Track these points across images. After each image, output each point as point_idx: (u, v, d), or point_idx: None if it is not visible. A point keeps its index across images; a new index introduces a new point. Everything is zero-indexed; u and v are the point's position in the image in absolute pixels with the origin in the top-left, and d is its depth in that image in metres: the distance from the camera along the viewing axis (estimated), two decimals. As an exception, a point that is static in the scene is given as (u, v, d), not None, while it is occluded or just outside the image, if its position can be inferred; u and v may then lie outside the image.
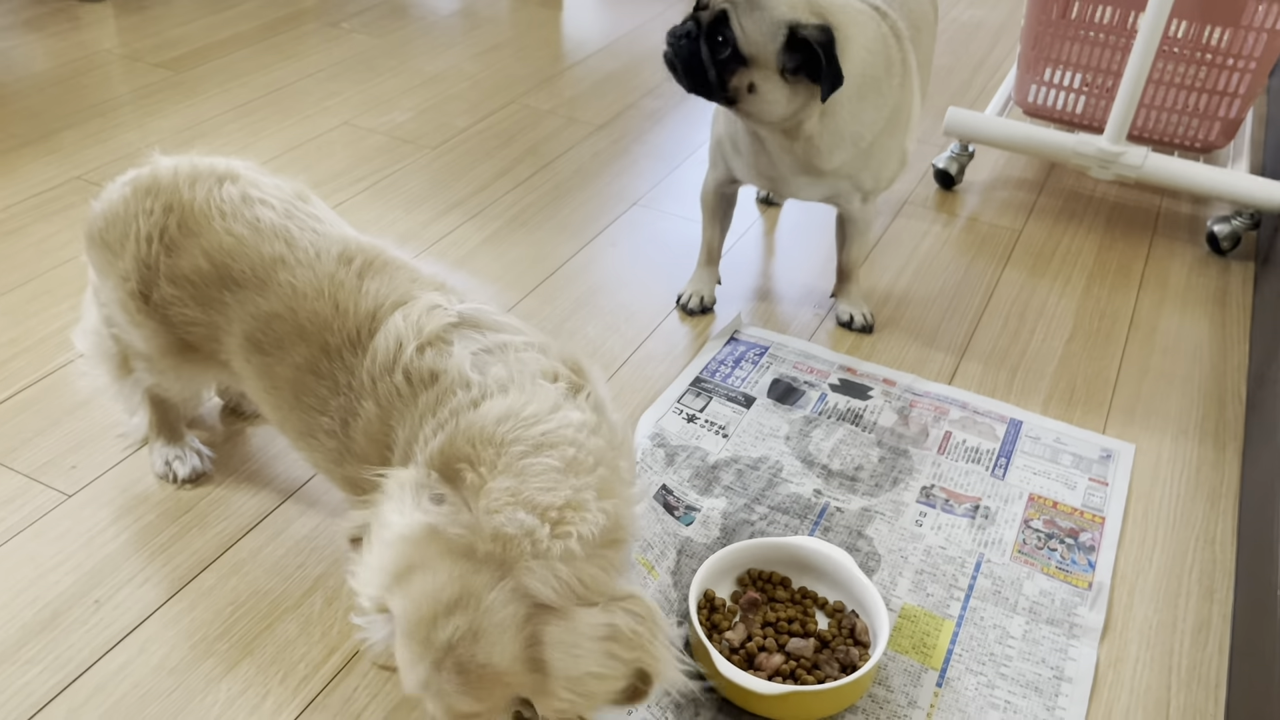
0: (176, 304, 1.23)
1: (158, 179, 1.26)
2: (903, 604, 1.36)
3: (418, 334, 1.08)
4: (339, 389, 1.11)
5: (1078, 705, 1.25)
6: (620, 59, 2.93)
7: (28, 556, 1.33)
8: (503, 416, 1.00)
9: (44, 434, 1.52)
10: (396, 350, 1.09)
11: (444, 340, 1.08)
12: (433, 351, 1.08)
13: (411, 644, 0.93)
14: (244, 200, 1.23)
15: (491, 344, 1.09)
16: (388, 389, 1.07)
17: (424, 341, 1.08)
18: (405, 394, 1.07)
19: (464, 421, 1.01)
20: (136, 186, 1.26)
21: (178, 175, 1.25)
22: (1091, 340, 1.90)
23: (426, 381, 1.06)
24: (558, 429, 1.00)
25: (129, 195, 1.26)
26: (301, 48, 2.83)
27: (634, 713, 1.17)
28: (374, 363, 1.09)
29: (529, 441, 0.98)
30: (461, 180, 2.27)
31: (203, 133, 2.36)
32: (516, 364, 1.07)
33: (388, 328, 1.10)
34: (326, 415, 1.13)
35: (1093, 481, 1.58)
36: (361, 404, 1.09)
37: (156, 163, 1.29)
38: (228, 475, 1.48)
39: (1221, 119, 2.22)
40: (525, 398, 1.02)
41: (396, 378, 1.07)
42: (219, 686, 1.20)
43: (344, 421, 1.11)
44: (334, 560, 1.37)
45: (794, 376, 1.76)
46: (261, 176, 1.28)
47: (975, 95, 2.83)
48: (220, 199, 1.23)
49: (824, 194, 1.74)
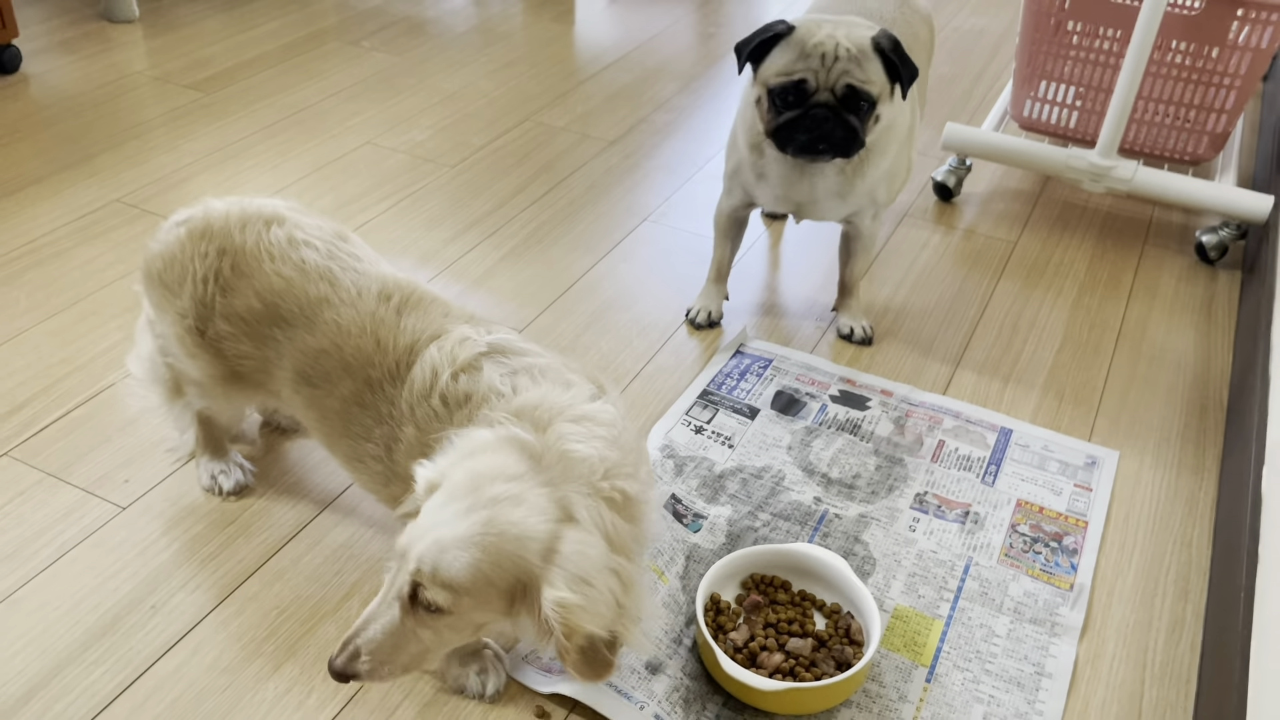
0: (230, 339, 1.35)
1: (210, 223, 1.37)
2: (895, 605, 1.46)
3: (452, 363, 1.20)
4: (382, 419, 1.23)
5: (1056, 700, 1.35)
6: (632, 73, 3.03)
7: (88, 565, 1.45)
8: (537, 403, 1.13)
9: (97, 450, 1.64)
10: (432, 379, 1.20)
11: (475, 367, 1.20)
12: (465, 377, 1.19)
13: (457, 494, 1.04)
14: (290, 243, 1.34)
15: (518, 366, 1.20)
16: (425, 413, 1.19)
17: (458, 369, 1.20)
18: (442, 415, 1.19)
19: (502, 416, 1.13)
20: (191, 230, 1.37)
21: (229, 219, 1.37)
22: (1081, 350, 1.99)
23: (460, 402, 1.18)
24: (598, 412, 1.14)
25: (184, 238, 1.37)
26: (324, 67, 2.94)
27: (645, 706, 1.28)
28: (411, 391, 1.20)
29: (569, 416, 1.12)
30: (479, 198, 2.38)
31: (233, 154, 2.47)
32: (542, 378, 1.19)
33: (424, 359, 1.21)
34: (371, 442, 1.24)
35: (1077, 487, 1.68)
36: (402, 430, 1.21)
37: (208, 206, 1.40)
38: (268, 488, 1.60)
39: (1210, 133, 2.31)
40: (558, 392, 1.15)
41: (434, 402, 1.19)
42: (267, 685, 1.31)
43: (388, 447, 1.23)
44: (369, 568, 1.48)
45: (796, 388, 1.86)
46: (304, 218, 1.39)
47: (975, 107, 2.91)
48: (269, 242, 1.34)
49: (847, 212, 1.85)
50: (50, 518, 1.52)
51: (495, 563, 1.02)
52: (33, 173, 2.35)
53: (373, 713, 1.29)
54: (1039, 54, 2.37)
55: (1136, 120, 2.35)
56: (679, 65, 3.11)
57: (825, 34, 1.66)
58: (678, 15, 3.45)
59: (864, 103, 1.66)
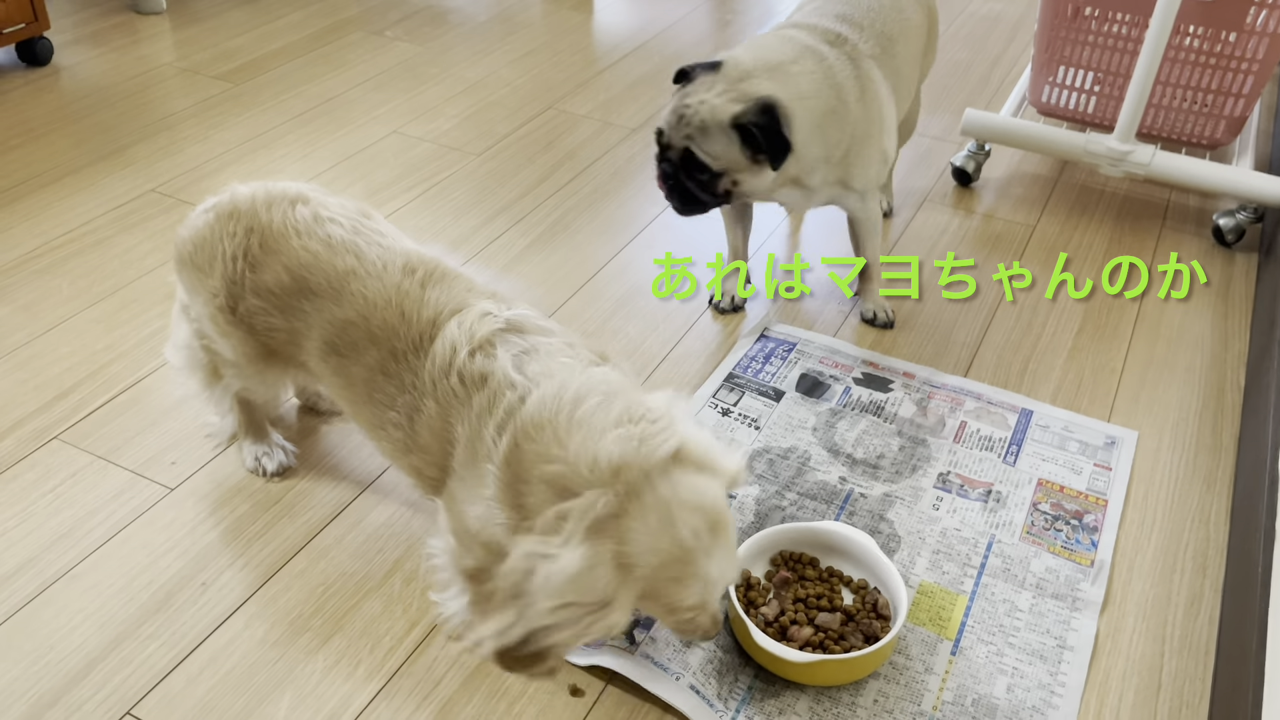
0: (261, 314, 1.40)
1: (237, 205, 1.42)
2: (920, 581, 1.51)
3: (469, 339, 1.24)
4: (405, 388, 1.28)
5: (1078, 671, 1.39)
6: (651, 60, 3.06)
7: (141, 544, 1.51)
8: (544, 400, 1.16)
9: (144, 433, 1.69)
10: (451, 355, 1.25)
11: (491, 344, 1.24)
12: (481, 355, 1.24)
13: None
14: (315, 219, 1.39)
15: (530, 345, 1.25)
16: (445, 390, 1.24)
17: (474, 347, 1.24)
18: (460, 394, 1.23)
19: (519, 420, 1.17)
20: (219, 212, 1.42)
21: (255, 200, 1.42)
22: (1100, 332, 2.03)
23: (477, 383, 1.22)
24: (590, 379, 1.18)
25: (213, 221, 1.42)
26: (349, 57, 2.98)
27: (680, 677, 1.32)
28: (433, 365, 1.25)
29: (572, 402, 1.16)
30: (505, 186, 2.42)
31: (264, 144, 2.52)
32: (548, 357, 1.23)
33: (444, 334, 1.26)
34: (394, 410, 1.29)
35: (1097, 467, 1.71)
36: (424, 402, 1.26)
37: (234, 190, 1.45)
38: (309, 469, 1.65)
39: (1227, 117, 2.33)
40: (559, 381, 1.18)
41: (452, 380, 1.23)
42: (316, 658, 1.37)
43: (409, 416, 1.28)
44: (409, 545, 1.53)
45: (820, 371, 1.90)
46: (327, 197, 1.44)
47: (993, 91, 2.94)
48: (295, 219, 1.39)
49: (823, 201, 1.89)
50: (101, 498, 1.57)
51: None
52: (69, 163, 2.40)
53: (419, 684, 1.34)
54: (1057, 40, 2.39)
55: (1154, 105, 2.37)
56: (697, 53, 3.14)
57: (698, 96, 1.68)
58: (694, 3, 3.47)
59: (702, 168, 1.70)
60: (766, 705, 1.33)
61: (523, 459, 1.15)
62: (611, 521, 1.07)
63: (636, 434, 1.11)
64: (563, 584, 1.05)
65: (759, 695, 1.34)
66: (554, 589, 1.05)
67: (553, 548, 1.06)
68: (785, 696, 1.34)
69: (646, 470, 1.08)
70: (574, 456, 1.10)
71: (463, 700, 1.32)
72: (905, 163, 2.58)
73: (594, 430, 1.12)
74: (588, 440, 1.11)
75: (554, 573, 1.05)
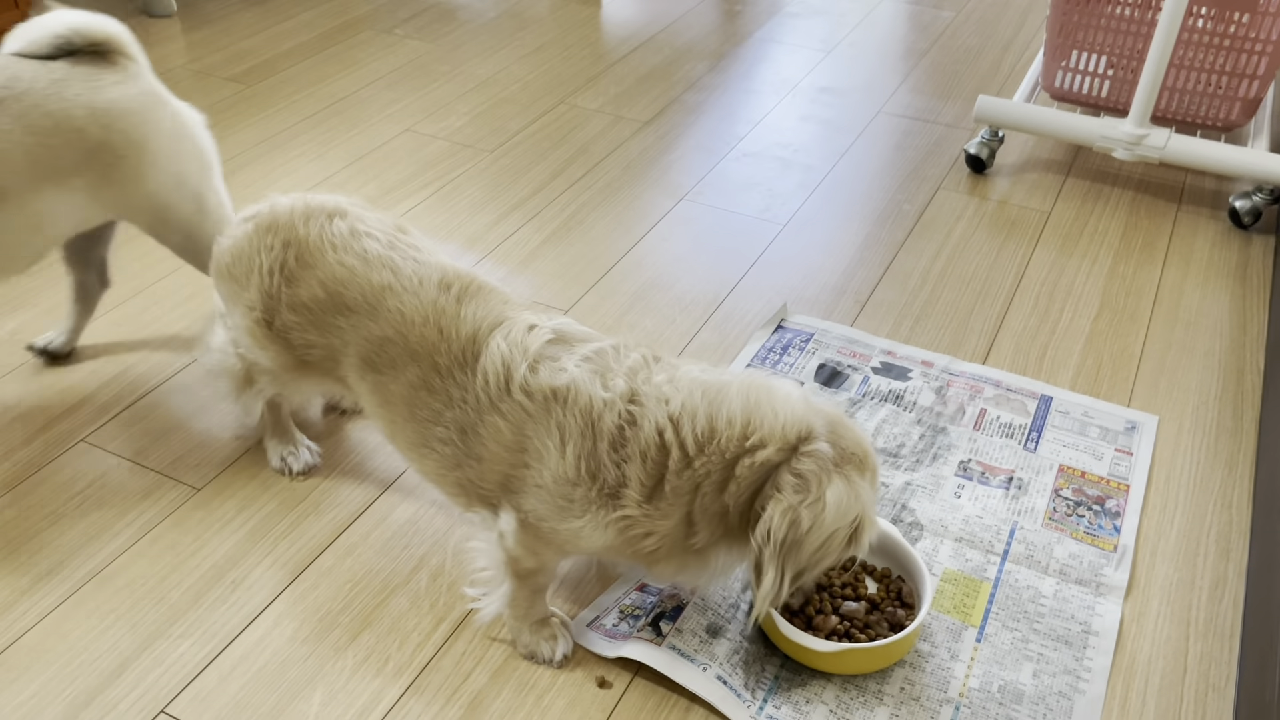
0: (297, 329, 1.41)
1: (276, 217, 1.43)
2: (944, 569, 1.51)
3: (524, 353, 1.25)
4: (453, 403, 1.28)
5: (1104, 656, 1.40)
6: (661, 53, 3.06)
7: (169, 545, 1.52)
8: (690, 410, 1.19)
9: (169, 434, 1.71)
10: (507, 372, 1.25)
11: (550, 358, 1.25)
12: (543, 369, 1.24)
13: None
14: (352, 234, 1.39)
15: (587, 353, 1.25)
16: (513, 407, 1.24)
17: (533, 361, 1.25)
18: (532, 410, 1.24)
19: (663, 437, 1.19)
20: (258, 225, 1.43)
21: (293, 213, 1.42)
22: (1118, 317, 2.02)
23: (550, 398, 1.23)
24: (698, 380, 1.23)
25: (251, 233, 1.43)
26: (360, 55, 2.99)
27: (708, 668, 1.33)
28: (488, 383, 1.26)
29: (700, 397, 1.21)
30: (519, 182, 2.42)
31: (278, 145, 2.53)
32: (617, 364, 1.24)
33: (491, 351, 1.27)
34: (441, 425, 1.30)
35: (1118, 452, 1.71)
36: (484, 419, 1.26)
37: (274, 201, 1.45)
38: (333, 468, 1.66)
39: (1242, 99, 2.32)
40: (683, 390, 1.21)
41: (518, 396, 1.24)
42: (346, 654, 1.38)
43: (461, 431, 1.28)
44: (435, 542, 1.54)
45: (839, 361, 1.90)
46: (365, 211, 1.45)
47: (1005, 77, 2.93)
48: (332, 234, 1.39)
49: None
50: (129, 500, 1.59)
51: None
52: (86, 168, 2.41)
53: (448, 678, 1.35)
54: (1070, 23, 2.39)
55: (1168, 88, 2.36)
56: (707, 45, 3.14)
57: None
58: (704, -6, 3.47)
59: None
60: (794, 694, 1.34)
61: (693, 470, 1.18)
62: (838, 455, 1.19)
63: (794, 398, 1.20)
64: (834, 516, 1.17)
65: (786, 685, 1.35)
66: (828, 524, 1.17)
67: (811, 495, 1.16)
68: (812, 686, 1.35)
69: (827, 416, 1.21)
70: (767, 436, 1.17)
71: (492, 694, 1.34)
72: (919, 150, 2.58)
73: (759, 410, 1.19)
74: (764, 419, 1.18)
75: (824, 510, 1.16)
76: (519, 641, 1.37)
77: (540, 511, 1.25)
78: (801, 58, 3.09)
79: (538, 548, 1.29)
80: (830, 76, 2.98)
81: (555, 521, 1.24)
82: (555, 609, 1.41)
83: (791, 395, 1.21)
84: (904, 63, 3.06)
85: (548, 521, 1.25)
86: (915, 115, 2.76)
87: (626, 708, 1.33)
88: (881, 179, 2.48)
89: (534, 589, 1.34)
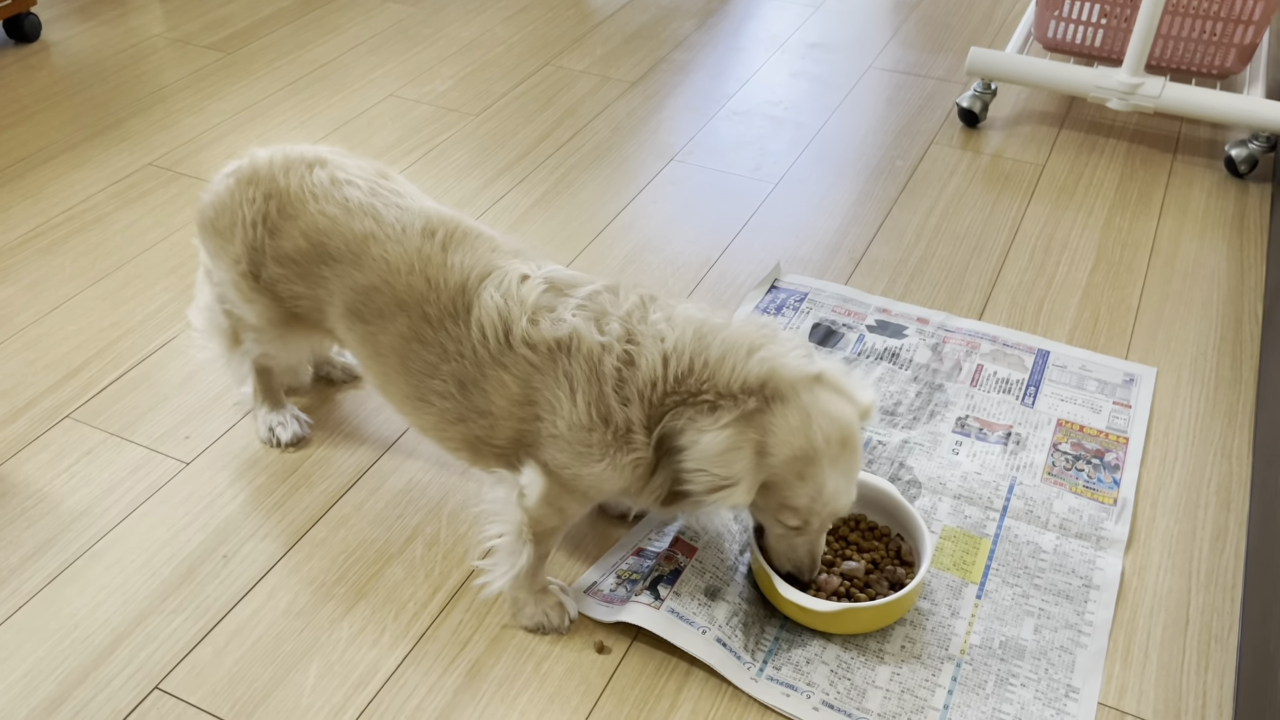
0: (283, 281, 1.38)
1: (256, 169, 1.40)
2: (943, 526, 1.50)
3: (521, 306, 1.23)
4: (449, 356, 1.26)
5: (1105, 610, 1.39)
6: (648, 11, 3.01)
7: (159, 520, 1.50)
8: (677, 349, 1.19)
9: (156, 408, 1.68)
10: (506, 325, 1.23)
11: (547, 308, 1.23)
12: (544, 321, 1.22)
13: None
14: (333, 182, 1.37)
15: (581, 299, 1.24)
16: (516, 361, 1.23)
17: (531, 314, 1.23)
18: (538, 362, 1.22)
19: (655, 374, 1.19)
20: (239, 177, 1.41)
21: (273, 164, 1.40)
22: (1114, 269, 2.00)
23: (555, 348, 1.21)
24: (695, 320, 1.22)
25: (233, 186, 1.41)
26: (340, 20, 2.94)
27: (707, 631, 1.32)
28: (485, 337, 1.23)
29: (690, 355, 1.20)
30: (506, 146, 2.39)
31: (260, 112, 2.49)
32: (614, 308, 1.23)
33: (485, 303, 1.24)
34: (438, 379, 1.28)
35: (1117, 405, 1.70)
36: (486, 373, 1.24)
37: (254, 154, 1.43)
38: (325, 438, 1.64)
39: (1237, 45, 2.29)
40: (675, 331, 1.21)
41: (521, 350, 1.22)
42: (341, 625, 1.37)
43: (461, 385, 1.26)
44: (429, 511, 1.52)
45: (833, 320, 1.88)
46: (346, 159, 1.42)
47: (997, 28, 2.89)
48: (312, 183, 1.37)
49: None
50: (117, 475, 1.57)
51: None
52: (64, 140, 2.37)
53: (445, 646, 1.34)
54: (1062, -28, 2.35)
55: (1163, 35, 2.33)
56: (694, 2, 3.09)
57: None
58: (690, -50, 3.41)
59: None
60: (794, 655, 1.32)
61: (666, 407, 1.19)
62: (757, 416, 1.17)
63: (778, 352, 1.19)
64: (706, 456, 1.16)
65: (786, 646, 1.34)
66: (696, 457, 1.17)
67: (706, 426, 1.16)
68: (812, 646, 1.34)
69: (792, 382, 1.18)
70: (724, 386, 1.17)
71: (490, 661, 1.32)
72: (911, 104, 2.55)
73: (738, 357, 1.18)
74: (736, 368, 1.18)
75: (702, 443, 1.16)
76: (523, 614, 1.36)
77: (560, 460, 1.23)
78: (790, 13, 3.04)
79: (563, 499, 1.27)
80: (820, 32, 2.93)
81: (578, 467, 1.23)
82: (551, 577, 1.40)
83: (770, 350, 1.20)
84: (894, 16, 3.01)
85: (570, 468, 1.23)
86: (906, 70, 2.72)
87: (626, 672, 1.32)
88: (874, 135, 2.44)
89: (543, 555, 1.33)
